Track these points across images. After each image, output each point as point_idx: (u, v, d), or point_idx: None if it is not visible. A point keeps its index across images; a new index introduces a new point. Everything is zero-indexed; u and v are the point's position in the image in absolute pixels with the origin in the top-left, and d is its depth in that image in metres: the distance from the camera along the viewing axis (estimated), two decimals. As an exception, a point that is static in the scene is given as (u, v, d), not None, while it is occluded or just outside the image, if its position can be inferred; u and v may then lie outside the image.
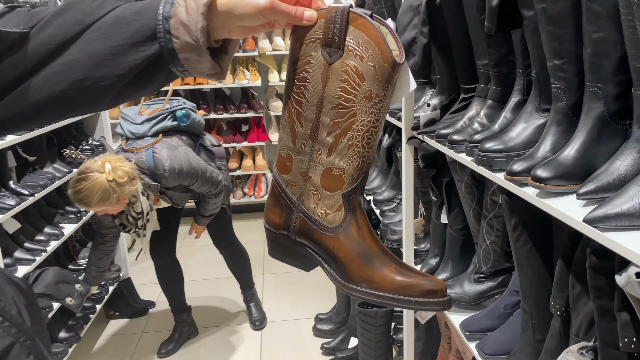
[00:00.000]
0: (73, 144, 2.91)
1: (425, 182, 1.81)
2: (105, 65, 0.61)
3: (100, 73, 0.61)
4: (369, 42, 0.64)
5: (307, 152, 0.71)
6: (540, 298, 1.18)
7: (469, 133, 1.36)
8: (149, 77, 0.65)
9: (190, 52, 0.63)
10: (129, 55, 0.61)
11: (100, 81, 0.62)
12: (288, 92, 0.71)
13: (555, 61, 1.05)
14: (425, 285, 0.64)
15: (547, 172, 0.99)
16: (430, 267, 1.78)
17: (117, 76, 0.62)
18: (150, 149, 2.27)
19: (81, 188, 2.03)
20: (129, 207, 2.26)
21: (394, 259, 0.68)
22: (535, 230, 1.15)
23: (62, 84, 0.61)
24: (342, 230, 0.69)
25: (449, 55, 1.61)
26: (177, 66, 0.64)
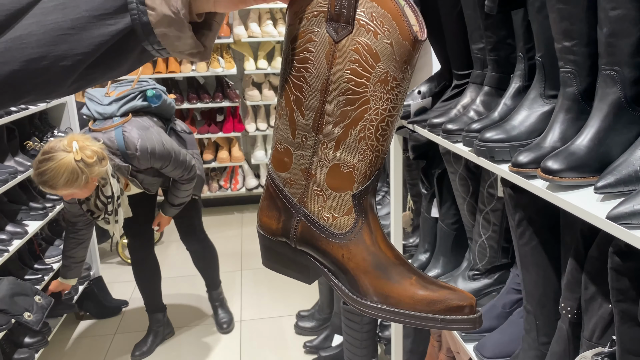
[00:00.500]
0: (37, 135, 2.74)
1: (415, 174, 1.72)
2: (65, 42, 0.50)
3: (59, 51, 0.50)
4: (384, 16, 0.54)
5: (309, 146, 0.60)
6: (545, 299, 1.10)
7: (465, 122, 1.27)
8: (119, 56, 0.54)
9: (168, 26, 0.51)
10: (95, 30, 0.50)
11: (59, 61, 0.50)
12: (285, 75, 0.60)
13: (565, 43, 0.97)
14: (453, 301, 0.54)
15: (558, 163, 0.90)
16: (420, 263, 1.70)
17: (80, 55, 0.50)
18: (119, 128, 2.13)
19: (46, 169, 1.87)
20: (98, 191, 2.11)
21: (414, 270, 0.58)
22: (542, 226, 1.07)
23: (12, 63, 0.50)
24: (352, 237, 0.59)
25: (441, 40, 1.52)
26: (152, 43, 0.53)
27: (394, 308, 0.56)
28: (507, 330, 1.27)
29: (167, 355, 2.66)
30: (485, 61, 1.32)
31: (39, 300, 2.17)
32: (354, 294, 0.59)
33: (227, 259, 3.67)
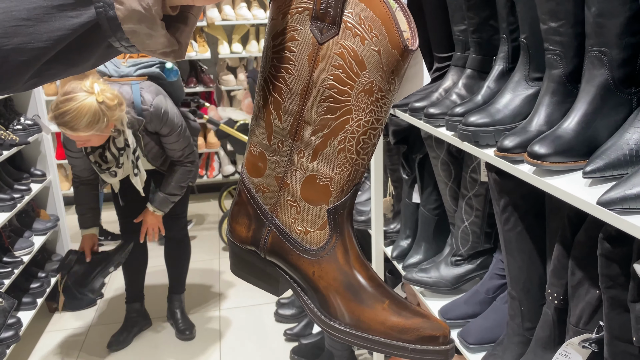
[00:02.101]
0: (2, 123, 2.63)
1: (395, 160, 1.70)
2: (20, 34, 0.44)
3: (13, 43, 0.44)
4: (374, 20, 0.49)
5: (285, 152, 0.56)
6: (530, 284, 1.09)
7: (447, 106, 1.24)
8: (82, 51, 0.48)
9: (138, 23, 0.46)
10: (54, 22, 0.45)
11: (14, 54, 0.45)
12: (264, 74, 0.56)
13: (551, 23, 0.94)
14: (426, 330, 0.52)
15: (545, 147, 0.88)
16: (402, 249, 1.68)
17: (37, 49, 0.45)
18: (137, 84, 2.11)
19: (67, 109, 1.82)
20: (110, 142, 2.05)
21: (388, 294, 0.55)
22: (527, 211, 1.06)
23: None
24: (324, 254, 0.55)
25: (421, 21, 1.48)
26: (120, 40, 0.48)
27: (363, 333, 0.53)
28: (490, 316, 1.26)
29: (144, 347, 2.62)
30: (467, 43, 1.29)
31: (1, 302, 2.08)
32: (323, 314, 0.55)
33: (204, 246, 3.61)
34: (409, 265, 1.58)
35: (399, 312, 0.53)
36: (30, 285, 2.63)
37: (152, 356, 2.54)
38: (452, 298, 1.40)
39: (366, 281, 0.55)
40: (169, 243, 2.65)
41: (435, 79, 1.44)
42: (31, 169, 2.87)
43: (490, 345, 1.21)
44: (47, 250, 3.01)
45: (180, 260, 2.67)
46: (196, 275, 3.22)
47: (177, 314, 2.69)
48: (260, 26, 4.33)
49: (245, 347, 2.57)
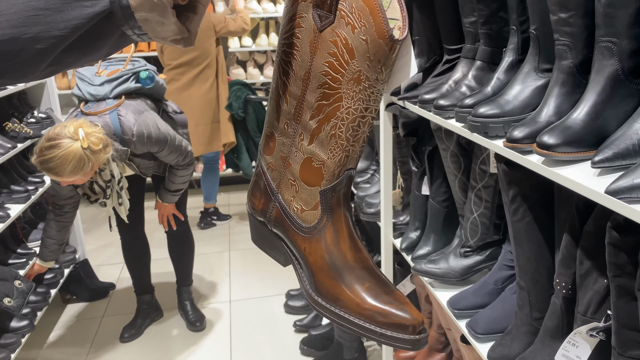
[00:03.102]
0: (16, 116, 2.66)
1: (405, 152, 1.70)
2: (38, 23, 0.46)
3: (32, 32, 0.46)
4: (363, 9, 0.51)
5: (290, 134, 0.60)
6: (538, 274, 1.10)
7: (457, 97, 1.25)
8: (96, 40, 0.50)
9: (150, 11, 0.48)
10: (70, 12, 0.46)
11: (32, 43, 0.46)
12: (277, 58, 0.60)
13: (561, 14, 0.95)
14: (396, 317, 0.53)
15: (554, 138, 0.89)
16: (411, 241, 1.69)
17: (54, 37, 0.47)
18: (114, 112, 2.08)
19: (52, 156, 1.82)
20: (97, 176, 2.07)
21: (372, 277, 0.57)
22: (536, 202, 1.06)
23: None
24: (315, 233, 0.59)
25: (431, 13, 1.49)
26: (133, 28, 0.49)
27: (340, 311, 0.55)
28: (499, 306, 1.27)
29: (155, 337, 2.65)
30: (477, 35, 1.29)
31: (19, 285, 2.12)
32: (310, 288, 0.59)
33: (215, 239, 3.64)
34: (418, 257, 1.59)
35: (377, 296, 0.55)
36: (44, 276, 2.67)
37: (163, 347, 2.58)
38: (461, 289, 1.41)
39: (352, 262, 0.57)
40: (171, 239, 2.66)
41: (445, 70, 1.45)
42: (44, 161, 2.90)
43: (498, 335, 1.22)
44: (60, 242, 3.05)
45: (184, 255, 2.69)
46: (207, 267, 3.26)
47: (186, 306, 2.72)
48: (269, 20, 4.33)
49: (254, 339, 2.60)
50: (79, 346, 2.60)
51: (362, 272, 0.57)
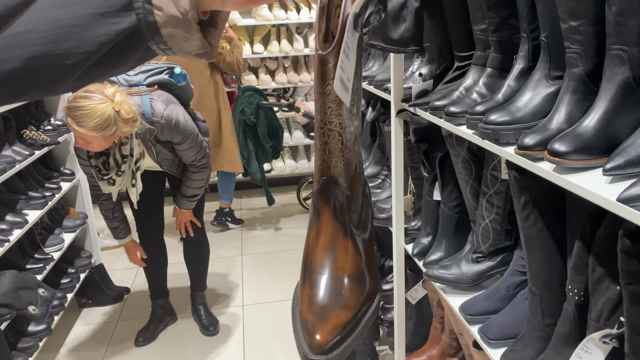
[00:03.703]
0: (33, 124, 2.71)
1: (416, 158, 1.71)
2: (68, 40, 0.48)
3: (62, 49, 0.48)
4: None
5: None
6: (550, 280, 1.10)
7: (468, 104, 1.26)
8: (122, 54, 0.52)
9: (176, 27, 0.49)
10: (99, 28, 0.48)
11: (62, 59, 0.48)
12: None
13: (572, 22, 0.95)
14: (309, 338, 0.55)
15: (565, 145, 0.89)
16: (423, 247, 1.69)
17: (83, 53, 0.48)
18: (147, 95, 2.15)
19: (82, 106, 1.87)
20: (116, 148, 2.10)
21: (324, 286, 0.58)
22: (547, 208, 1.07)
23: (13, 61, 0.48)
24: (308, 229, 0.64)
25: (442, 21, 1.50)
26: (158, 43, 0.51)
27: (295, 311, 0.60)
28: (511, 312, 1.27)
29: (170, 341, 2.68)
30: (488, 42, 1.30)
31: (43, 293, 2.16)
32: None
33: (227, 244, 3.67)
34: (430, 262, 1.60)
35: (310, 306, 0.58)
36: (60, 281, 2.72)
37: (177, 351, 2.60)
38: (473, 294, 1.41)
39: (317, 268, 0.59)
40: (187, 245, 2.69)
41: (456, 77, 1.46)
42: (61, 168, 2.95)
43: (510, 341, 1.22)
44: (76, 247, 3.10)
45: (199, 260, 2.72)
46: (220, 271, 3.28)
47: (200, 310, 2.75)
48: (281, 27, 4.37)
49: (267, 342, 2.62)
50: (94, 350, 2.63)
51: (319, 278, 0.59)
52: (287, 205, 4.31)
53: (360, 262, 0.62)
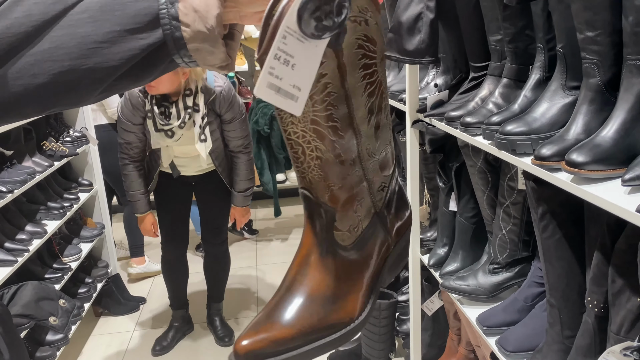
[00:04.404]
0: (53, 135, 2.76)
1: (432, 168, 1.71)
2: (96, 55, 0.49)
3: (90, 64, 0.49)
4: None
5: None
6: (569, 292, 1.09)
7: (484, 114, 1.26)
8: (147, 67, 0.53)
9: (202, 42, 0.51)
10: (126, 44, 0.49)
11: (90, 73, 0.50)
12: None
13: (588, 33, 0.95)
14: (236, 340, 0.55)
15: (583, 155, 0.89)
16: (439, 257, 1.69)
17: (111, 67, 0.50)
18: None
19: None
20: (180, 97, 2.14)
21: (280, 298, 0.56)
22: (565, 219, 1.06)
23: (42, 76, 0.49)
24: None
25: (457, 31, 1.50)
26: (183, 57, 0.52)
27: None
28: (529, 323, 1.26)
29: (185, 351, 2.68)
30: (503, 53, 1.30)
31: (63, 304, 2.18)
32: None
33: (242, 254, 3.68)
34: (447, 273, 1.59)
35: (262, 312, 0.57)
36: (77, 291, 2.74)
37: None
38: (490, 306, 1.40)
39: (286, 279, 0.58)
40: (208, 257, 2.70)
41: (471, 88, 1.46)
42: (79, 178, 2.99)
43: (529, 353, 1.21)
44: (93, 256, 3.13)
45: (219, 273, 2.74)
46: (235, 281, 3.29)
47: (216, 321, 2.76)
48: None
49: (283, 354, 2.61)
50: (111, 359, 2.65)
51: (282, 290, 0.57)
52: (301, 215, 4.31)
53: (330, 285, 0.57)
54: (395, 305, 2.15)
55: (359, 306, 0.57)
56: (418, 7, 1.46)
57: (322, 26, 0.46)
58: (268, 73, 0.47)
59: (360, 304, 0.58)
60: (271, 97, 0.48)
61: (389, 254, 0.62)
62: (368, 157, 0.58)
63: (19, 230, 2.26)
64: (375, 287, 0.60)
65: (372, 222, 0.60)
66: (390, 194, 0.61)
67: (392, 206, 0.62)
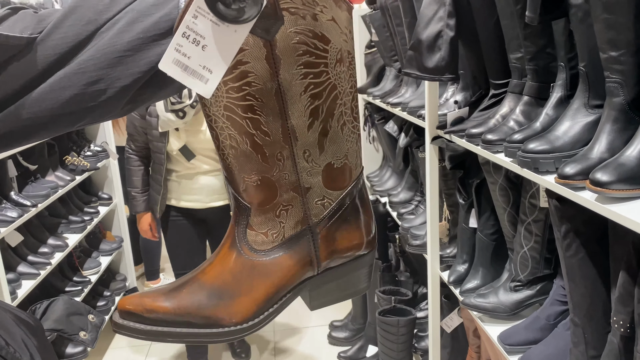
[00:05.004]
0: (75, 150, 2.81)
1: (451, 184, 1.71)
2: (121, 63, 0.52)
3: (115, 72, 0.52)
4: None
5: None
6: (593, 311, 1.08)
7: (505, 132, 1.26)
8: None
9: None
10: (149, 51, 0.52)
11: (116, 82, 0.53)
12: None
13: (612, 52, 0.96)
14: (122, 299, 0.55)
15: (608, 175, 0.89)
16: (459, 274, 1.68)
17: (134, 74, 0.52)
18: None
19: None
20: None
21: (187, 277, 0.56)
22: (589, 237, 1.06)
23: (72, 88, 0.52)
24: None
25: (477, 49, 1.51)
26: None
27: None
28: (552, 342, 1.25)
29: (202, 366, 2.69)
30: (524, 70, 1.31)
31: (92, 319, 2.20)
32: None
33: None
34: (467, 291, 1.58)
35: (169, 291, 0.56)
36: (96, 304, 2.77)
37: (210, 375, 2.61)
38: (512, 324, 1.39)
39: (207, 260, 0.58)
40: None
41: (492, 105, 1.46)
42: (99, 192, 3.04)
43: (552, 373, 1.20)
44: (112, 270, 3.16)
45: None
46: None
47: None
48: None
49: (299, 369, 2.61)
50: (128, 373, 2.67)
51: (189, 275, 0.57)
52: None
53: (225, 280, 0.54)
54: (414, 322, 2.14)
55: (245, 312, 0.54)
56: (438, 26, 1.47)
57: (231, 11, 0.45)
58: (175, 49, 0.47)
59: (249, 310, 0.54)
60: (177, 73, 0.48)
61: (313, 278, 0.58)
62: (306, 164, 0.54)
63: (42, 244, 2.29)
64: (279, 303, 0.56)
65: (298, 235, 0.56)
66: (334, 212, 0.56)
67: (334, 227, 0.57)
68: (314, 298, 0.59)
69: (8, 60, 0.51)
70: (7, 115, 0.52)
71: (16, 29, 0.52)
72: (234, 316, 0.54)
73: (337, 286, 0.60)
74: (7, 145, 0.55)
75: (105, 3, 0.53)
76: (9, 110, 0.52)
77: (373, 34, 2.51)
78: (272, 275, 0.55)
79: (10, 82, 0.51)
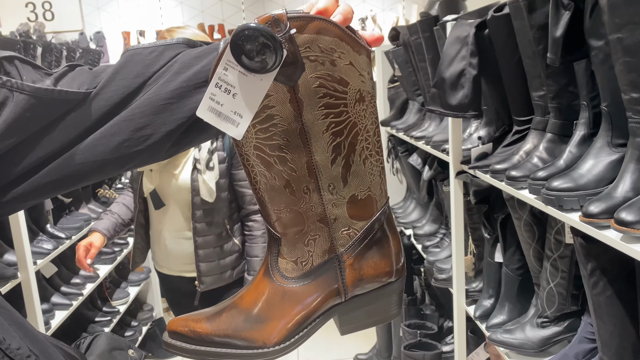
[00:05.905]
0: (107, 183, 2.90)
1: (476, 218, 1.72)
2: (166, 110, 0.57)
3: (160, 119, 0.57)
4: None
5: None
6: (623, 350, 1.08)
7: (529, 169, 1.28)
8: None
9: None
10: (191, 98, 0.57)
11: (160, 127, 0.58)
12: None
13: (633, 94, 0.98)
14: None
15: (633, 214, 0.90)
16: (485, 309, 1.68)
17: (178, 119, 0.58)
18: None
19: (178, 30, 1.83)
20: None
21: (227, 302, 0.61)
22: (616, 275, 1.06)
23: (120, 134, 0.58)
24: None
25: (499, 87, 1.54)
26: None
27: None
28: (582, 381, 1.24)
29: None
30: (547, 108, 1.33)
31: (132, 354, 2.24)
32: None
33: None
34: (493, 326, 1.58)
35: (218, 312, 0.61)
36: (124, 334, 2.81)
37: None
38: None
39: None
40: None
41: (515, 141, 1.48)
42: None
43: (583, 412, 1.18)
44: (139, 300, 3.21)
45: None
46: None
47: None
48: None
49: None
50: (154, 404, 2.68)
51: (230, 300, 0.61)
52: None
53: (259, 305, 0.59)
54: (440, 356, 2.12)
55: (277, 335, 0.58)
56: (461, 64, 1.51)
57: (255, 63, 0.51)
58: (209, 98, 0.53)
59: (280, 334, 0.58)
60: (212, 119, 0.54)
61: (341, 304, 0.61)
62: (331, 197, 0.58)
63: (74, 275, 2.36)
64: (309, 327, 0.60)
65: (326, 263, 0.59)
66: (359, 241, 0.59)
67: (361, 255, 0.60)
68: (343, 323, 0.63)
69: (67, 112, 0.57)
70: (64, 161, 0.57)
71: (74, 84, 0.57)
72: (266, 338, 0.58)
73: (366, 312, 0.63)
74: (61, 188, 0.60)
75: (151, 58, 0.59)
76: (64, 157, 0.57)
77: (396, 69, 2.57)
78: (301, 302, 0.59)
79: (68, 132, 0.57)
